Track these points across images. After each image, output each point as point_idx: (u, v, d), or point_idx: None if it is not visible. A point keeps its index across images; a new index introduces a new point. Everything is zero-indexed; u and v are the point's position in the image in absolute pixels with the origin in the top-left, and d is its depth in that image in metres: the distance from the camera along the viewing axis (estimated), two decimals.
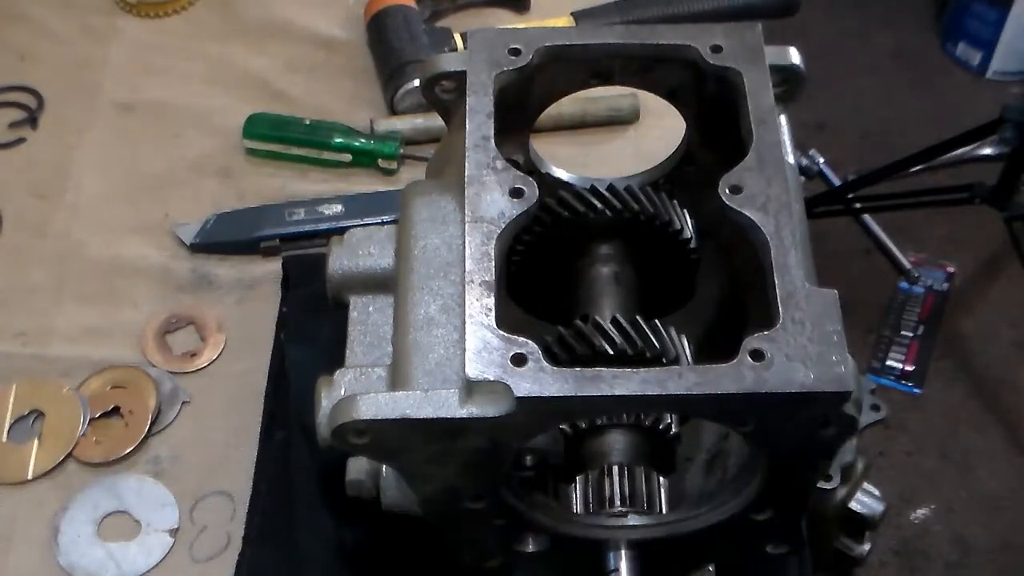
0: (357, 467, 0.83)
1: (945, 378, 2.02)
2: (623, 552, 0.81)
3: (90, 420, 1.01)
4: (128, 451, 1.00)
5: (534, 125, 0.90)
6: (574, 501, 0.81)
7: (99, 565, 0.94)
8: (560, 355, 0.78)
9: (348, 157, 1.20)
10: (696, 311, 0.87)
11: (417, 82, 1.19)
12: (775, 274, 0.69)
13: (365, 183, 1.20)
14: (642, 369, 0.65)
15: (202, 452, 1.01)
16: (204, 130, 1.23)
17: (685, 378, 0.65)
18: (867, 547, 1.19)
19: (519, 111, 0.85)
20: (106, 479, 0.99)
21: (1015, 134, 1.80)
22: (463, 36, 1.26)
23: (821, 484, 0.76)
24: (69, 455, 1.00)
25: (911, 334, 2.09)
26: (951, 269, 2.17)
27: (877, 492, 1.08)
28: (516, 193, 0.73)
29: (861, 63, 1.79)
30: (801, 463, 0.68)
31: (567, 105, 0.84)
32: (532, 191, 0.73)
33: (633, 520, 0.79)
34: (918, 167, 1.95)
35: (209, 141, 1.23)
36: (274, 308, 1.09)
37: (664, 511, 0.80)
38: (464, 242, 0.71)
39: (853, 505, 1.07)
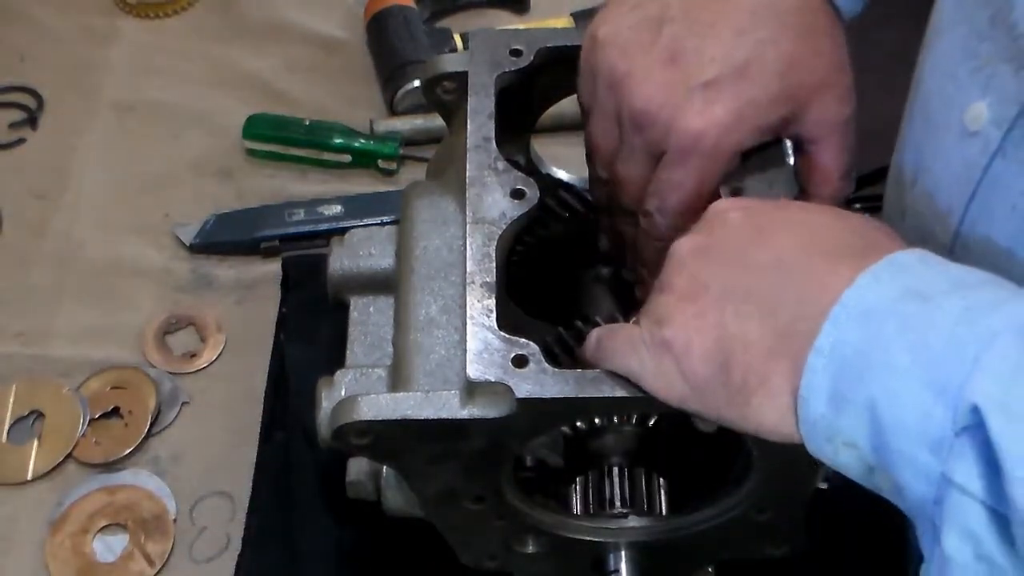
0: (357, 468, 0.83)
1: None
2: (623, 553, 0.81)
3: (90, 420, 1.01)
4: (128, 451, 1.00)
5: (535, 126, 0.90)
6: (574, 502, 0.81)
7: None
8: (560, 356, 0.78)
9: (348, 158, 1.20)
10: None
11: (417, 82, 1.19)
12: None
13: (365, 183, 1.19)
14: None
15: (202, 452, 1.01)
16: (204, 130, 1.23)
17: None
18: None
19: (520, 112, 0.85)
20: (104, 476, 0.99)
21: None
22: (463, 36, 1.26)
23: (823, 485, 0.76)
24: (69, 455, 1.00)
25: None
26: None
27: None
28: (517, 194, 0.73)
29: (861, 63, 1.79)
30: (802, 462, 0.68)
31: (568, 105, 0.83)
32: (533, 192, 0.73)
33: (633, 521, 0.79)
34: None
35: (209, 141, 1.22)
36: (274, 308, 1.09)
37: (664, 512, 0.80)
38: (465, 243, 0.71)
39: None
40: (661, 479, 0.80)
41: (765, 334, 0.57)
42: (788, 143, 0.75)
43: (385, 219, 1.10)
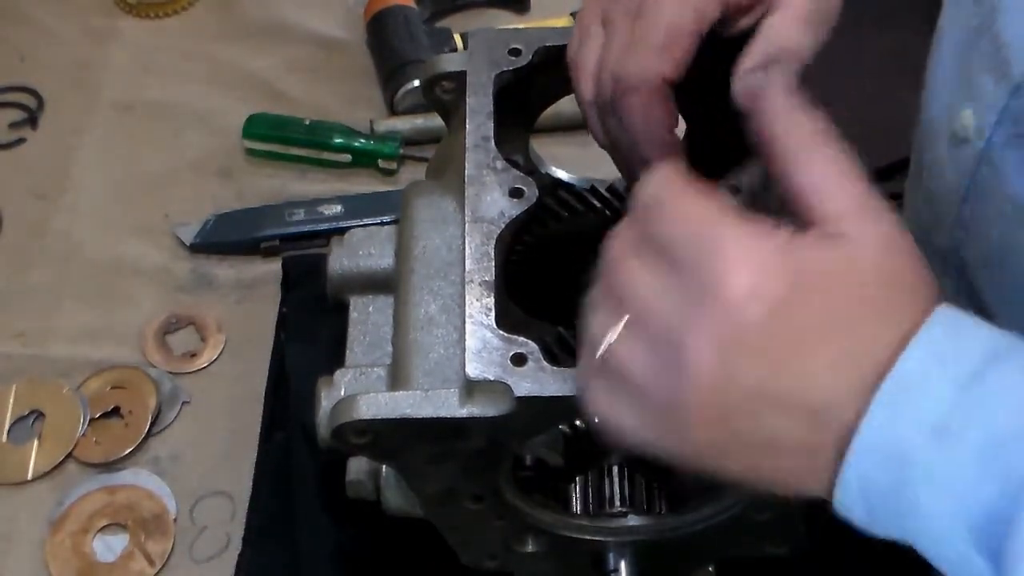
0: (357, 468, 0.83)
1: None
2: (623, 552, 0.81)
3: (90, 420, 1.01)
4: (128, 451, 1.00)
5: (534, 125, 0.90)
6: (574, 501, 0.81)
7: None
8: (560, 356, 0.78)
9: (348, 157, 1.20)
10: None
11: (417, 82, 1.19)
12: None
13: (365, 183, 1.20)
14: None
15: (202, 452, 1.01)
16: (204, 130, 1.23)
17: None
18: None
19: (519, 111, 0.85)
20: (104, 476, 0.99)
21: None
22: (463, 36, 1.26)
23: None
24: (69, 455, 1.00)
25: None
26: None
27: None
28: (516, 193, 0.73)
29: (861, 63, 1.80)
30: None
31: (567, 105, 0.83)
32: (532, 191, 0.73)
33: (633, 520, 0.79)
34: None
35: (209, 141, 1.23)
36: (274, 308, 1.09)
37: (664, 512, 0.80)
38: (464, 242, 0.71)
39: None
40: (660, 478, 0.80)
41: (796, 448, 0.51)
42: None
43: (385, 219, 1.10)
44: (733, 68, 0.68)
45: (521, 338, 0.66)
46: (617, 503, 0.78)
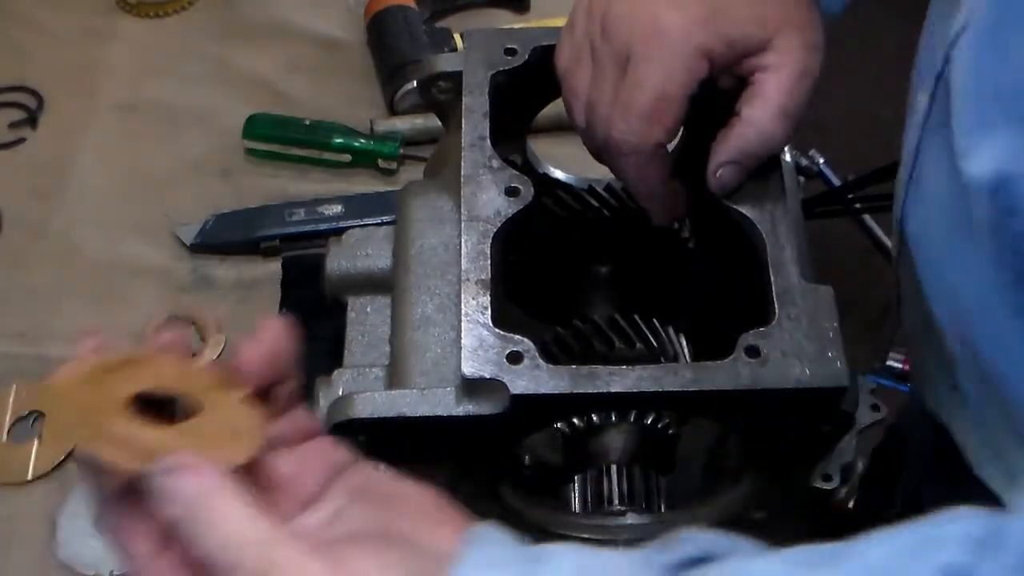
0: None
1: None
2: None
3: None
4: None
5: (531, 125, 0.90)
6: (573, 501, 0.81)
7: (98, 560, 0.94)
8: (558, 355, 0.78)
9: (348, 157, 1.20)
10: (690, 309, 0.87)
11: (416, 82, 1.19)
12: (771, 271, 0.69)
13: (365, 183, 1.20)
14: (638, 366, 0.65)
15: None
16: (204, 130, 1.23)
17: (681, 375, 0.65)
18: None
19: (516, 111, 0.85)
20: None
21: None
22: (463, 36, 1.26)
23: (821, 484, 0.76)
24: (69, 455, 1.00)
25: None
26: None
27: None
28: (512, 192, 0.73)
29: (861, 63, 1.80)
30: (798, 461, 0.68)
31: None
32: (528, 190, 0.73)
33: (632, 519, 0.79)
34: None
35: (209, 141, 1.23)
36: (274, 308, 1.09)
37: (663, 510, 0.80)
38: (460, 241, 0.71)
39: None
40: (660, 477, 0.80)
41: None
42: (786, 149, 0.76)
43: (385, 219, 1.10)
44: (710, 152, 0.71)
45: (517, 336, 0.66)
46: (616, 502, 0.78)
